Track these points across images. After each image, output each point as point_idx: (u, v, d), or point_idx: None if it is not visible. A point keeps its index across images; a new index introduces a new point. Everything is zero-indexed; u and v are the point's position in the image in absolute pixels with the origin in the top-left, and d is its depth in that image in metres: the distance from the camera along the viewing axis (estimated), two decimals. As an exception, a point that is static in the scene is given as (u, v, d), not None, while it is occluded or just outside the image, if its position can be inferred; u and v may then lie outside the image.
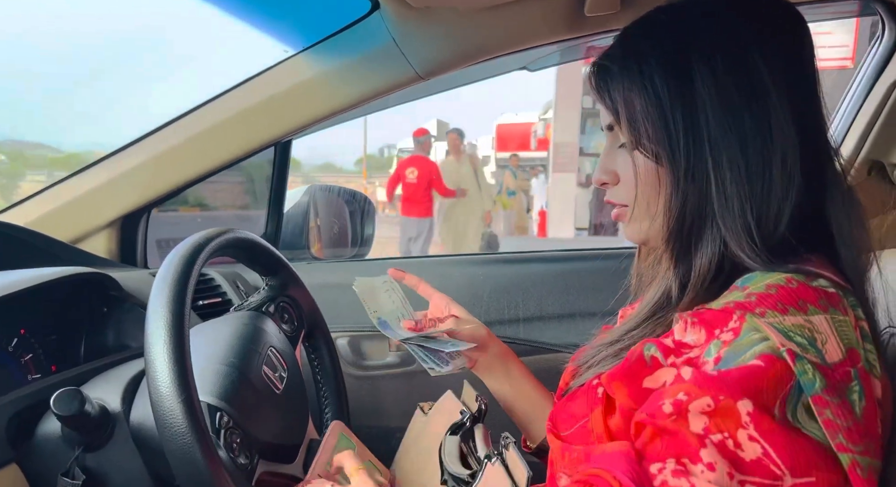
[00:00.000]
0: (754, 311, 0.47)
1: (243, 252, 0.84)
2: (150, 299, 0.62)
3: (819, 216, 0.54)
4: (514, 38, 0.98)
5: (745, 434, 0.44)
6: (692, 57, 0.53)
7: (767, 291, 0.48)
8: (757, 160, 0.52)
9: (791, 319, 0.46)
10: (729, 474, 0.43)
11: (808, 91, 0.55)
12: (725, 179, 0.53)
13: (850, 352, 0.46)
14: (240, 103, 1.09)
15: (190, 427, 0.57)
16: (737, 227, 0.53)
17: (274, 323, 0.87)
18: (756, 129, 0.52)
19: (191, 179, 1.13)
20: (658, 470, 0.46)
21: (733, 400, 0.44)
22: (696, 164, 0.53)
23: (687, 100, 0.53)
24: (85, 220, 1.13)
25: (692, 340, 0.50)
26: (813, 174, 0.54)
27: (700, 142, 0.53)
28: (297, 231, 1.40)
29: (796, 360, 0.44)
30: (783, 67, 0.53)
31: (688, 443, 0.45)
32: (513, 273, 1.34)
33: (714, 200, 0.53)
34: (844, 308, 0.48)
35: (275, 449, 0.75)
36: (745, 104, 0.52)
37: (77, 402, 0.62)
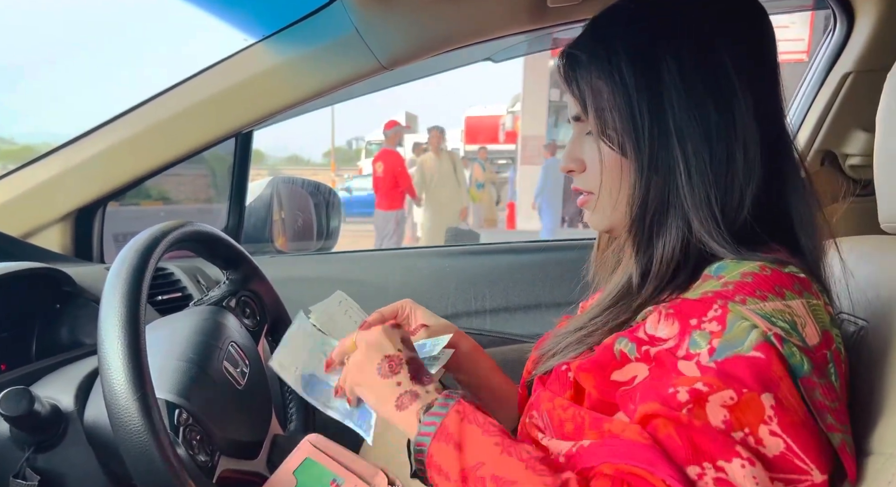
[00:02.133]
0: (734, 299, 0.47)
1: (202, 245, 0.82)
2: (103, 292, 0.60)
3: (779, 206, 0.56)
4: (477, 28, 0.98)
5: (766, 430, 0.44)
6: (660, 47, 0.54)
7: (743, 279, 0.49)
8: (721, 150, 0.53)
9: (771, 304, 0.46)
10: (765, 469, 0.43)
11: (770, 83, 0.57)
12: (690, 168, 0.53)
13: (825, 335, 0.48)
14: (199, 93, 1.06)
15: (146, 425, 0.56)
16: (701, 215, 0.53)
17: (235, 318, 0.85)
18: (720, 120, 0.53)
19: (149, 170, 1.10)
20: (697, 476, 0.43)
21: (757, 394, 0.44)
22: (661, 154, 0.54)
23: (654, 90, 0.54)
24: (37, 213, 1.09)
25: (665, 333, 0.50)
26: (773, 165, 0.55)
27: (665, 132, 0.54)
28: (261, 224, 1.37)
29: (784, 344, 0.45)
30: (747, 59, 0.54)
31: (712, 442, 0.44)
32: (479, 265, 1.35)
33: (678, 189, 0.54)
34: (817, 293, 0.50)
35: (237, 446, 0.73)
36: (710, 95, 0.53)
37: (25, 402, 0.60)
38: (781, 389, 0.44)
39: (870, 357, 0.55)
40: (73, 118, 49.60)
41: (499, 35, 1.01)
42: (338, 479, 0.68)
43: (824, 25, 1.23)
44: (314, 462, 0.69)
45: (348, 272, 1.35)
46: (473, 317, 1.32)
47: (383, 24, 0.96)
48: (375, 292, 1.31)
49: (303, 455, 0.70)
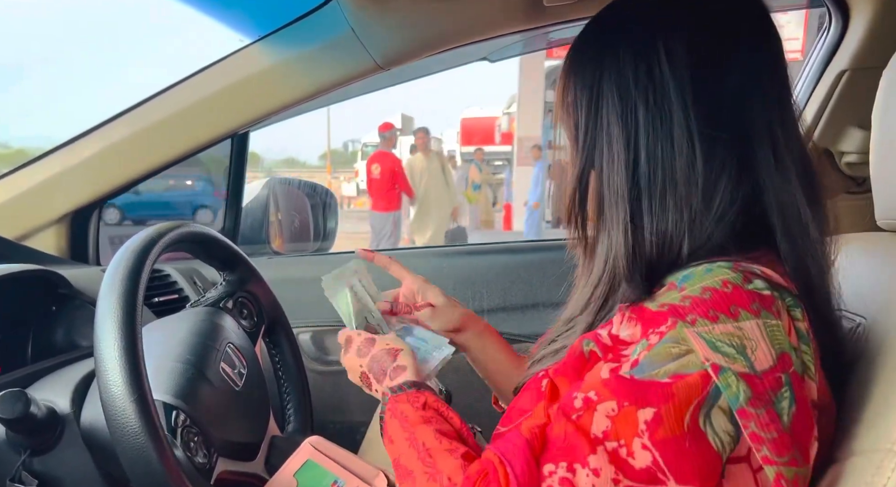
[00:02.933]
0: (685, 318, 0.46)
1: (199, 247, 0.82)
2: (99, 295, 0.60)
3: (756, 212, 0.53)
4: (472, 27, 0.98)
5: (639, 443, 0.45)
6: (605, 49, 0.56)
7: (702, 294, 0.47)
8: (649, 154, 0.53)
9: (721, 327, 0.45)
10: (614, 480, 0.45)
11: (736, 81, 0.53)
12: (611, 171, 0.54)
13: (781, 357, 0.46)
14: (195, 94, 1.06)
15: (143, 427, 0.55)
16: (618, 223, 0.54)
17: (232, 319, 0.85)
18: (649, 121, 0.53)
19: (145, 172, 1.10)
20: (549, 473, 0.47)
21: (636, 408, 0.45)
22: (588, 153, 0.56)
23: (594, 91, 0.56)
24: (33, 215, 1.08)
25: (627, 335, 0.50)
26: (743, 170, 0.53)
27: (597, 130, 0.55)
28: (257, 225, 1.37)
29: (720, 373, 0.44)
30: (690, 58, 0.53)
31: (582, 446, 0.46)
32: (477, 265, 1.35)
33: (603, 191, 0.55)
34: (777, 311, 0.47)
35: (234, 447, 0.73)
36: (641, 98, 0.53)
37: (21, 404, 0.60)
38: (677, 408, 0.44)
39: (867, 354, 0.55)
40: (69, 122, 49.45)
41: (495, 34, 1.01)
42: (339, 481, 0.68)
43: (819, 24, 1.23)
44: (315, 464, 0.69)
45: (345, 273, 1.35)
46: (471, 317, 1.32)
47: (379, 24, 0.95)
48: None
49: (304, 456, 0.69)
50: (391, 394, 0.64)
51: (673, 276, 0.51)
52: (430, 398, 0.63)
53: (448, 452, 0.56)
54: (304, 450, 0.70)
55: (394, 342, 0.71)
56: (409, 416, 0.61)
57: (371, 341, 0.72)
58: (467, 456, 0.55)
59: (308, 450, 0.70)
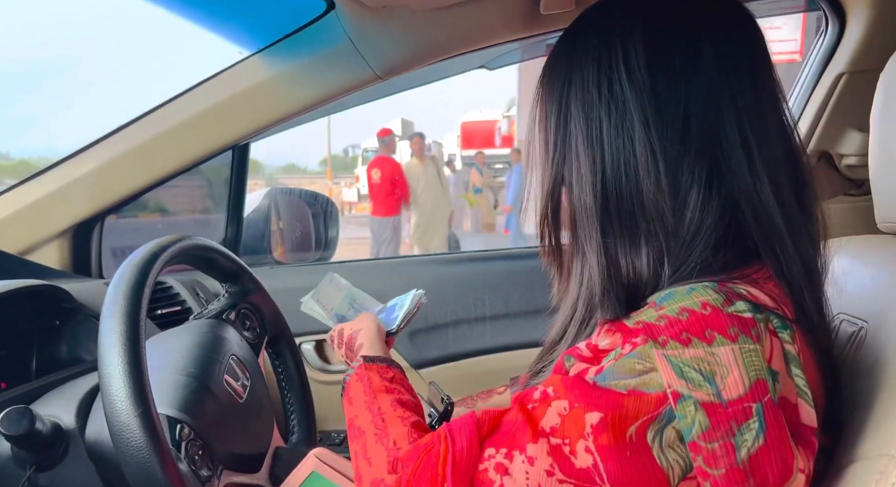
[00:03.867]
0: (657, 338, 0.45)
1: (201, 259, 0.82)
2: (103, 309, 0.60)
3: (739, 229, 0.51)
4: (470, 36, 0.99)
5: (583, 445, 0.45)
6: (572, 63, 0.54)
7: (679, 315, 0.45)
8: (613, 171, 0.51)
9: (692, 351, 0.44)
10: (547, 471, 0.45)
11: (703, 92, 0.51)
12: (578, 190, 0.53)
13: (755, 385, 0.43)
14: (195, 106, 1.07)
15: (148, 442, 0.55)
16: (591, 243, 0.53)
17: (235, 331, 0.85)
18: (612, 139, 0.51)
19: (146, 185, 1.10)
20: (488, 457, 0.48)
21: (584, 410, 0.45)
22: (556, 171, 0.55)
23: (562, 108, 0.54)
24: (34, 230, 1.08)
25: (606, 344, 0.49)
26: (715, 180, 0.50)
27: (565, 150, 0.54)
28: (259, 236, 1.37)
29: (679, 401, 0.43)
30: (649, 69, 0.51)
31: (526, 435, 0.47)
32: (478, 272, 1.35)
33: (573, 210, 0.54)
34: (757, 335, 0.45)
35: (239, 459, 0.73)
36: (604, 113, 0.51)
37: (26, 420, 0.60)
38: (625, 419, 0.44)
39: (869, 358, 0.55)
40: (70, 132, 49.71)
41: (492, 43, 1.01)
42: None
43: (816, 26, 1.24)
44: (320, 477, 0.69)
45: (349, 281, 1.35)
46: (474, 324, 1.32)
47: (377, 34, 0.96)
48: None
49: (309, 468, 0.69)
50: (363, 362, 0.68)
51: (655, 295, 0.49)
52: (398, 375, 0.68)
53: (400, 419, 0.59)
54: (308, 462, 0.70)
55: (357, 323, 0.78)
56: (375, 383, 0.65)
57: (342, 331, 0.79)
58: (417, 425, 0.59)
59: (313, 462, 0.70)
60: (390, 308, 0.85)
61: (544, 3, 0.89)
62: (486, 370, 1.31)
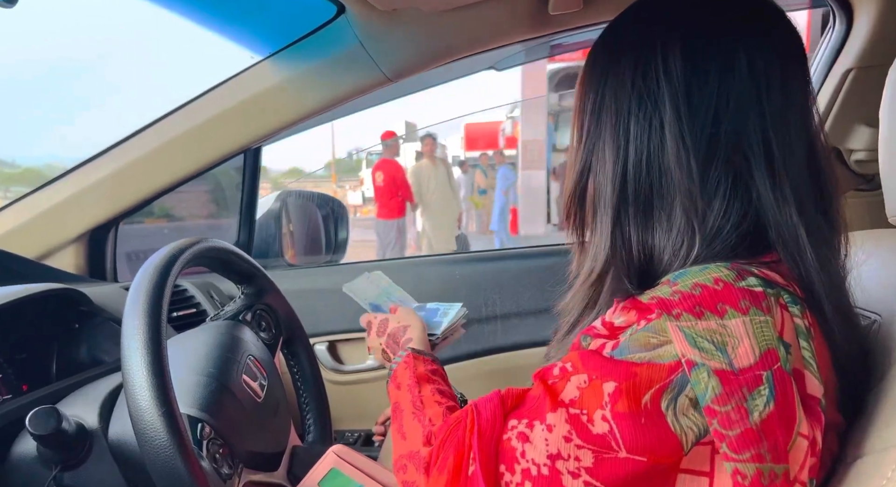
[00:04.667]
0: (671, 312, 0.47)
1: (217, 261, 0.83)
2: (125, 312, 0.61)
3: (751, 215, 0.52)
4: (479, 38, 0.99)
5: (600, 414, 0.47)
6: (612, 55, 0.57)
7: (692, 290, 0.47)
8: (637, 163, 0.54)
9: (704, 324, 0.46)
10: (565, 437, 0.47)
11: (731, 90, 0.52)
12: (600, 177, 0.56)
13: (766, 354, 0.45)
14: (208, 111, 1.08)
15: (172, 440, 0.56)
16: (604, 227, 0.56)
17: (251, 331, 0.86)
18: (641, 132, 0.54)
19: (160, 189, 1.11)
20: (511, 428, 0.51)
21: (601, 381, 0.47)
22: (584, 158, 0.58)
23: (597, 99, 0.57)
24: (51, 235, 1.10)
25: (622, 321, 0.50)
26: (739, 185, 0.52)
27: (595, 137, 0.57)
28: (270, 238, 1.39)
29: (693, 369, 0.45)
30: (686, 67, 0.52)
31: (546, 406, 0.49)
32: (488, 271, 1.35)
33: (594, 195, 0.57)
34: (768, 307, 0.46)
35: (258, 458, 0.74)
36: (634, 107, 0.54)
37: (54, 420, 0.61)
38: (639, 387, 0.46)
39: (882, 351, 0.56)
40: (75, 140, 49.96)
41: (501, 44, 1.02)
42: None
43: (822, 22, 1.24)
44: (340, 473, 0.70)
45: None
46: (484, 323, 1.33)
47: (387, 37, 0.97)
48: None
49: (328, 465, 0.70)
50: (412, 352, 0.73)
51: (670, 274, 0.51)
52: (440, 370, 0.73)
53: (437, 402, 0.64)
54: (328, 459, 0.71)
55: (405, 319, 0.82)
56: (419, 371, 0.70)
57: (386, 320, 0.83)
58: (452, 408, 0.63)
59: (332, 459, 0.71)
60: (431, 311, 0.88)
61: (552, 4, 0.90)
62: (496, 369, 1.31)
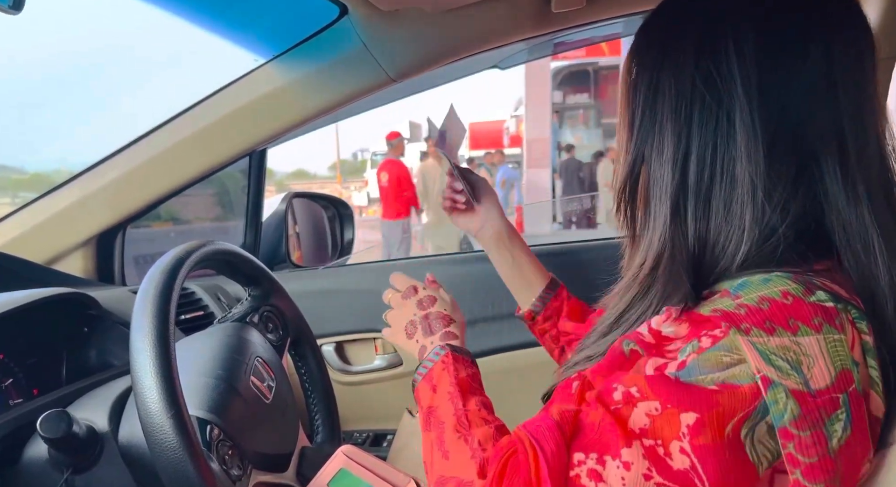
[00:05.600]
0: (740, 326, 0.44)
1: (224, 264, 0.84)
2: (133, 315, 0.62)
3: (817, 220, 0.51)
4: (483, 37, 0.99)
5: (677, 446, 0.44)
6: (670, 35, 0.54)
7: (759, 304, 0.45)
8: (701, 153, 0.51)
9: (777, 340, 0.43)
10: (645, 475, 0.44)
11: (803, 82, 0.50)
12: (660, 166, 0.53)
13: (841, 375, 0.43)
14: (213, 114, 1.08)
15: (181, 442, 0.56)
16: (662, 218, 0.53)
17: (259, 333, 0.87)
18: (706, 121, 0.51)
19: (167, 192, 1.12)
20: (578, 463, 0.46)
21: (678, 411, 0.44)
22: (639, 146, 0.55)
23: (651, 84, 0.54)
24: (59, 239, 1.11)
25: (671, 332, 0.48)
26: (803, 182, 0.50)
27: (650, 124, 0.54)
28: (276, 240, 1.39)
29: (770, 387, 0.42)
30: (759, 55, 0.50)
31: (617, 438, 0.45)
32: (493, 270, 1.35)
33: (651, 185, 0.54)
34: (841, 325, 0.44)
35: (267, 459, 0.74)
36: (700, 95, 0.51)
37: (64, 424, 0.62)
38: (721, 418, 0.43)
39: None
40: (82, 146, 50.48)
41: (504, 42, 1.02)
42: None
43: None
44: (349, 473, 0.69)
45: (364, 283, 1.36)
46: (491, 322, 1.32)
47: (390, 37, 0.97)
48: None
49: (337, 465, 0.70)
50: (451, 350, 0.69)
51: (727, 283, 0.49)
52: (478, 374, 0.69)
53: (484, 421, 0.60)
54: (337, 459, 0.71)
55: (452, 312, 0.78)
56: (461, 377, 0.65)
57: (433, 300, 0.79)
58: (501, 429, 0.59)
59: (341, 459, 0.71)
60: None
61: (556, 2, 0.90)
62: (504, 368, 1.31)
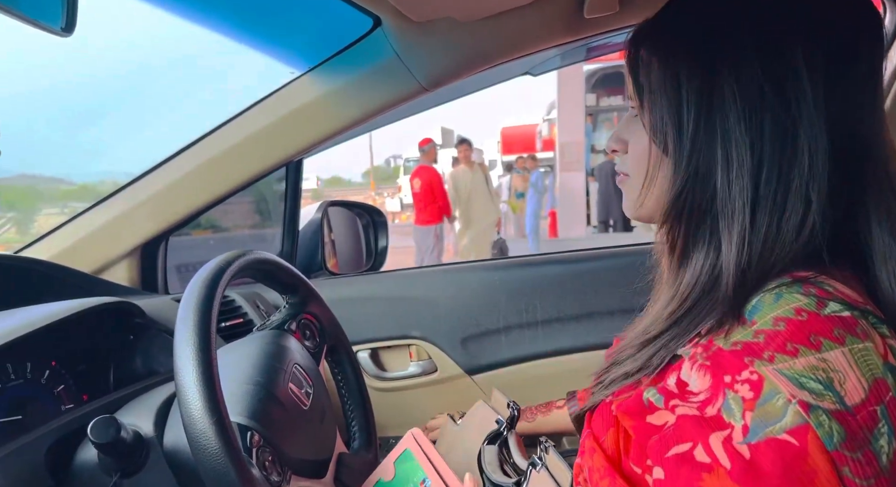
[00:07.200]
0: (762, 356, 0.42)
1: (262, 272, 0.85)
2: (176, 324, 0.63)
3: (848, 227, 0.50)
4: (515, 44, 0.99)
5: None
6: (722, 31, 0.50)
7: (775, 327, 0.43)
8: (774, 161, 0.48)
9: (803, 361, 0.41)
10: None
11: (856, 90, 0.49)
12: (731, 177, 0.49)
13: (874, 386, 0.41)
14: (251, 126, 1.11)
15: (223, 448, 0.58)
16: (733, 233, 0.49)
17: (297, 340, 0.88)
18: (777, 130, 0.48)
19: (207, 203, 1.15)
20: None
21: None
22: (701, 155, 0.50)
23: (706, 85, 0.50)
24: (106, 250, 1.15)
25: (696, 386, 0.46)
26: (845, 181, 0.49)
27: (711, 132, 0.50)
28: (313, 248, 1.41)
29: (810, 411, 0.40)
30: (828, 64, 0.48)
31: None
32: (528, 276, 1.35)
33: (715, 198, 0.50)
34: (864, 333, 0.43)
35: (305, 465, 0.75)
36: (770, 103, 0.48)
37: (113, 429, 0.64)
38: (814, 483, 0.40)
39: None
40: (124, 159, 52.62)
41: (537, 49, 1.01)
42: (427, 480, 0.67)
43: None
44: (411, 456, 0.69)
45: (399, 290, 1.37)
46: (525, 329, 1.32)
47: (423, 46, 0.98)
48: (426, 308, 1.33)
49: (404, 445, 0.70)
50: None
51: (745, 306, 0.47)
52: None
53: None
54: (406, 440, 0.71)
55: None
56: None
57: None
58: None
59: (409, 440, 0.70)
60: None
61: (588, 7, 0.89)
62: (539, 375, 1.30)
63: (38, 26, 0.55)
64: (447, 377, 1.32)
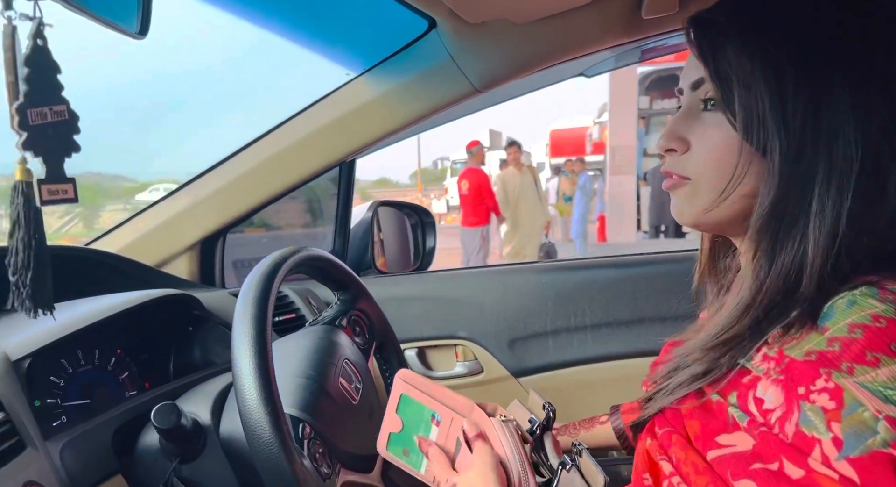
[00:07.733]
0: (840, 367, 0.40)
1: (316, 269, 0.87)
2: (234, 317, 0.66)
3: None
4: (570, 45, 0.99)
5: None
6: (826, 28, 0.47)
7: (851, 334, 0.41)
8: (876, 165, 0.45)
9: (885, 371, 0.39)
10: None
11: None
12: (832, 179, 0.46)
13: None
14: (307, 127, 1.14)
15: (276, 438, 0.60)
16: (823, 234, 0.46)
17: (347, 336, 0.90)
18: (889, 128, 0.45)
19: (264, 201, 1.19)
20: None
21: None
22: (806, 157, 0.46)
23: (814, 80, 0.46)
24: (168, 244, 1.20)
25: (770, 403, 0.44)
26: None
27: (816, 132, 0.46)
28: (363, 246, 1.43)
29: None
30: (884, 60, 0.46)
31: None
32: (577, 280, 1.33)
33: (812, 200, 0.46)
34: None
35: (354, 459, 0.77)
36: (883, 99, 0.46)
37: (175, 416, 0.67)
38: None
39: None
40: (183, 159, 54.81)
41: (592, 50, 1.00)
42: (436, 415, 0.64)
43: None
44: (411, 399, 0.65)
45: (446, 290, 1.38)
46: (574, 333, 1.30)
47: (477, 48, 0.98)
48: (474, 309, 1.33)
49: (398, 391, 0.66)
50: None
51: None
52: None
53: None
54: (396, 386, 0.66)
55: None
56: None
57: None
58: None
59: (400, 385, 0.66)
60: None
61: (646, 7, 0.88)
62: (586, 380, 1.29)
63: (114, 28, 0.58)
64: (493, 379, 1.32)
